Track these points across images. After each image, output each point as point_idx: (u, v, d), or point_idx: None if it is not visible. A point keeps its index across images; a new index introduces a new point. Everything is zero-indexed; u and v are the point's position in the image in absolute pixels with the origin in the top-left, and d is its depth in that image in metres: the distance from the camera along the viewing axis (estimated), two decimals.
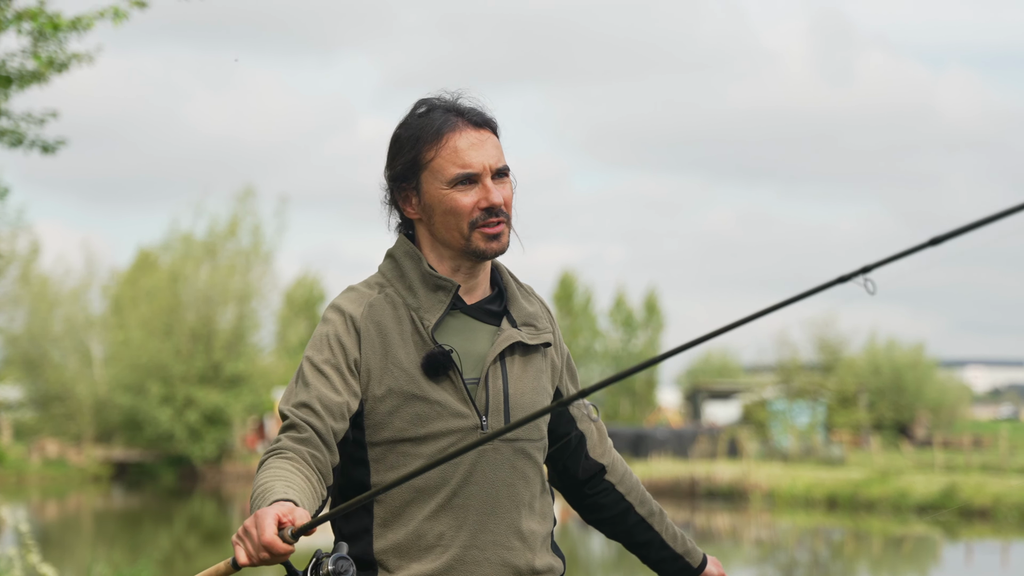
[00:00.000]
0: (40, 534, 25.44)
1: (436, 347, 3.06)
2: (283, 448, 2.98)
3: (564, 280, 71.34)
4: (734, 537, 33.26)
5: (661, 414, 67.69)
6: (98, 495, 50.69)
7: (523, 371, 3.15)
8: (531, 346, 3.18)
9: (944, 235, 2.56)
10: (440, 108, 3.14)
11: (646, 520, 3.37)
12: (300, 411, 3.01)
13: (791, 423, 53.55)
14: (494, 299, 3.19)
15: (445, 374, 3.05)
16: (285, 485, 2.86)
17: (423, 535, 3.03)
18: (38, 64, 12.05)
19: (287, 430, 3.01)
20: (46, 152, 12.65)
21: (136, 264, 63.39)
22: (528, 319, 3.20)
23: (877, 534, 33.16)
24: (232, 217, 58.09)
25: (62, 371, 59.84)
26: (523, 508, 3.10)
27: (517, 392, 3.12)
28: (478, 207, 3.09)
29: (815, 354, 62.71)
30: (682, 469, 43.95)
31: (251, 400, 56.45)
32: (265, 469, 2.94)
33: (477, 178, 3.09)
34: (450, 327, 3.12)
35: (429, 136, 3.10)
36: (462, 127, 3.11)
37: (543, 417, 3.14)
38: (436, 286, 3.11)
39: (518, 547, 3.09)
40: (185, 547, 30.82)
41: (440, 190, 3.09)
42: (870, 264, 2.62)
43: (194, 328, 56.50)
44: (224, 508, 44.49)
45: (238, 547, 2.78)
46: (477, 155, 3.09)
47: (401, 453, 3.05)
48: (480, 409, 3.07)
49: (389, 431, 3.05)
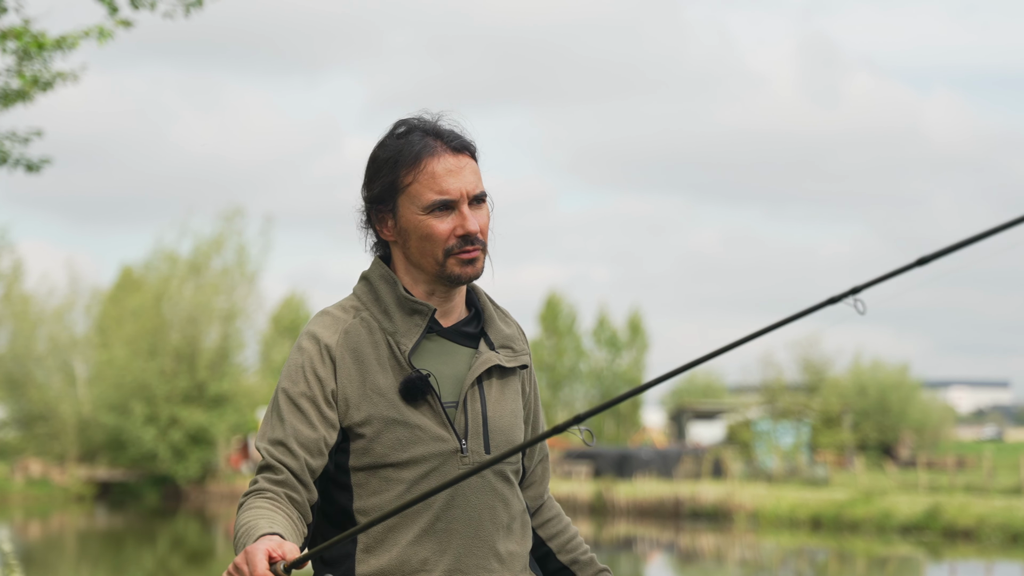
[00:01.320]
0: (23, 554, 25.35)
1: (413, 372, 3.05)
2: (261, 489, 2.99)
3: (550, 300, 71.38)
4: (718, 557, 33.24)
5: (646, 434, 67.68)
6: (81, 515, 50.52)
7: (501, 394, 3.15)
8: (508, 369, 3.17)
9: (931, 255, 2.58)
10: (419, 130, 3.11)
11: (569, 568, 3.34)
12: (276, 450, 3.01)
13: (775, 443, 53.56)
14: (470, 321, 3.18)
15: (423, 398, 3.04)
16: (268, 523, 2.87)
17: (407, 560, 3.02)
18: (23, 83, 12.04)
19: (263, 471, 3.02)
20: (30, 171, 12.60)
21: (119, 283, 63.33)
22: (506, 341, 3.19)
23: (861, 554, 33.15)
24: (217, 235, 58.09)
25: (46, 390, 59.71)
26: (502, 530, 3.10)
27: (496, 415, 3.11)
28: (454, 234, 3.07)
29: (800, 374, 62.80)
30: (666, 489, 43.93)
31: (235, 420, 56.36)
32: (246, 509, 2.95)
33: (454, 204, 3.07)
34: (427, 351, 3.10)
35: (407, 160, 3.07)
36: (440, 152, 3.08)
37: (520, 441, 3.13)
38: (412, 310, 3.10)
39: (497, 569, 3.08)
40: (169, 567, 30.72)
41: (416, 215, 3.07)
42: (859, 285, 2.63)
43: (178, 348, 56.42)
44: (208, 528, 44.37)
45: None
46: (455, 181, 3.07)
47: (383, 478, 3.04)
48: (459, 432, 3.06)
49: (370, 457, 3.04)
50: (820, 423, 57.50)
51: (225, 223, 58.34)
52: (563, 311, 71.58)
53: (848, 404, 61.16)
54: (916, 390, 66.87)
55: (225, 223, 58.34)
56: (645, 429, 69.31)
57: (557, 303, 71.29)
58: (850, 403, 61.77)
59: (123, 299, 59.83)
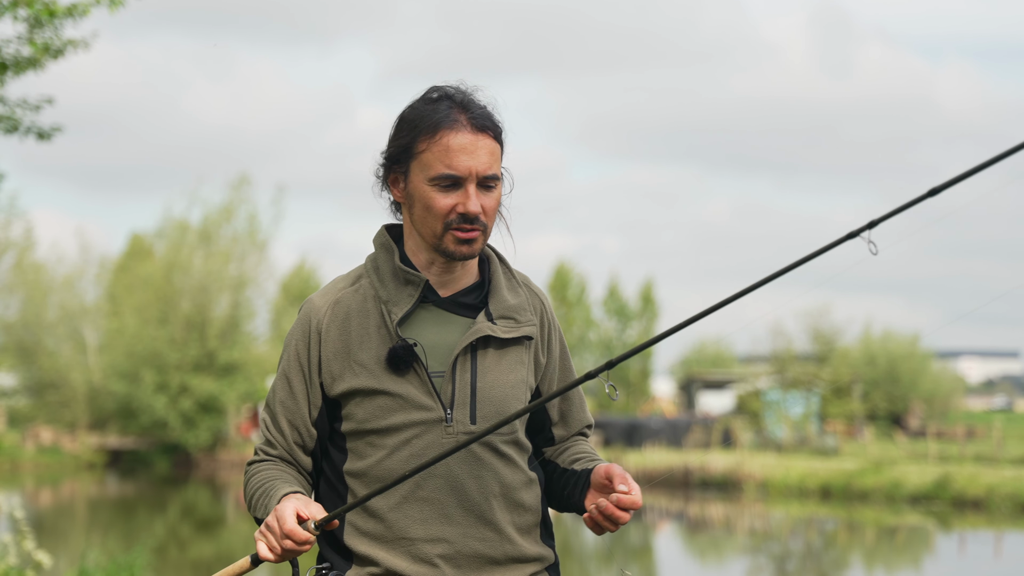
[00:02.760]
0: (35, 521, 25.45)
1: (400, 341, 3.08)
2: (263, 460, 3.20)
3: (559, 270, 71.30)
4: (728, 527, 33.30)
5: (655, 404, 67.69)
6: (92, 482, 50.67)
7: (496, 364, 3.13)
8: (507, 339, 3.16)
9: (941, 185, 2.60)
10: (449, 100, 3.11)
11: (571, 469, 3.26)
12: (270, 425, 3.20)
13: (785, 413, 53.54)
14: (472, 291, 3.18)
15: (409, 367, 3.08)
16: (286, 483, 3.07)
17: (391, 526, 3.07)
18: (34, 50, 12.03)
19: (263, 444, 3.22)
20: (41, 139, 12.60)
21: (129, 251, 63.35)
22: (508, 312, 3.17)
23: (870, 524, 33.19)
24: (227, 204, 58.06)
25: (56, 359, 59.79)
26: (495, 500, 3.10)
27: (486, 385, 3.11)
28: (455, 211, 3.08)
29: (809, 344, 62.71)
30: (676, 459, 43.95)
31: (245, 388, 56.44)
32: (256, 473, 3.16)
33: (461, 182, 3.07)
34: (421, 320, 3.13)
35: (427, 127, 3.08)
36: (460, 127, 3.07)
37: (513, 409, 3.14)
38: (406, 280, 3.12)
39: (492, 538, 3.10)
40: (179, 535, 30.82)
41: (422, 184, 3.09)
42: (875, 219, 2.65)
43: (189, 316, 56.47)
44: (218, 496, 44.50)
45: (260, 542, 2.95)
46: (466, 159, 3.06)
47: (368, 443, 3.10)
48: (445, 402, 3.08)
49: (354, 422, 3.11)
50: (830, 393, 57.47)
51: (233, 192, 58.33)
52: (573, 281, 71.53)
53: (858, 374, 61.13)
54: (926, 360, 66.82)
55: (233, 192, 58.33)
56: (655, 399, 69.30)
57: (566, 273, 71.18)
58: (860, 373, 61.74)
59: (133, 267, 59.86)
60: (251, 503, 3.12)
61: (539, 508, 3.20)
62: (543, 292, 3.32)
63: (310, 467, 3.19)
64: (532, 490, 3.19)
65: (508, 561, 3.12)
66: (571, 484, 3.21)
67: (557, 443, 3.31)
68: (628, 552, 24.90)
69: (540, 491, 3.22)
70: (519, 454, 3.17)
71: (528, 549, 3.15)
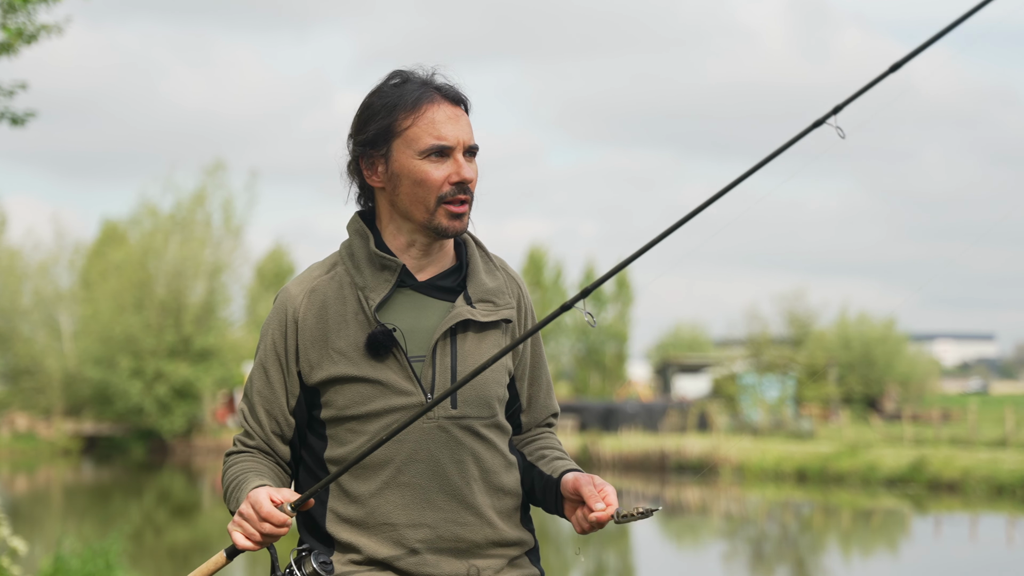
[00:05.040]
0: (10, 508, 25.38)
1: (379, 326, 3.07)
2: (241, 451, 3.21)
3: (532, 255, 71.28)
4: (704, 510, 33.40)
5: (631, 388, 67.82)
6: (68, 469, 50.58)
7: (476, 348, 3.12)
8: (487, 323, 3.15)
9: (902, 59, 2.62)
10: (416, 81, 3.13)
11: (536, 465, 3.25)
12: (248, 415, 3.21)
13: (761, 397, 53.71)
14: (449, 274, 3.17)
15: (389, 353, 3.07)
16: (257, 476, 3.08)
17: (372, 512, 3.07)
18: (7, 35, 11.95)
19: (242, 435, 3.22)
20: (15, 124, 12.50)
21: (102, 237, 63.17)
22: (486, 295, 3.17)
23: (846, 507, 33.33)
24: (199, 189, 57.90)
25: (31, 345, 59.64)
26: (475, 484, 3.09)
27: (467, 369, 3.09)
28: (448, 181, 3.08)
29: (785, 328, 62.90)
30: (652, 443, 44.07)
31: (221, 374, 56.36)
32: (233, 465, 3.16)
33: (450, 152, 3.08)
34: (399, 305, 3.12)
35: (407, 104, 3.08)
36: (440, 100, 3.10)
37: (495, 396, 3.14)
38: (382, 265, 3.11)
39: (473, 523, 3.09)
40: (155, 520, 30.79)
41: (411, 159, 3.08)
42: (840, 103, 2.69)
43: (164, 302, 56.34)
44: (194, 481, 44.45)
45: (235, 532, 2.94)
46: (453, 129, 3.08)
47: (349, 430, 3.09)
48: (426, 387, 3.07)
49: (334, 409, 3.10)
50: (805, 376, 57.64)
51: (208, 177, 58.19)
52: (548, 265, 71.55)
53: (833, 357, 61.31)
54: (902, 343, 67.01)
55: (208, 177, 58.19)
56: (630, 383, 69.44)
57: (540, 257, 71.19)
58: (835, 356, 61.92)
59: (106, 253, 59.69)
60: (226, 495, 3.12)
61: (519, 492, 3.20)
62: (519, 276, 3.31)
63: (289, 456, 3.19)
64: (512, 474, 3.18)
65: (489, 545, 3.12)
66: (541, 485, 3.21)
67: (524, 431, 3.30)
68: (603, 536, 24.94)
69: (519, 475, 3.21)
70: (500, 437, 3.16)
71: (509, 533, 3.14)
